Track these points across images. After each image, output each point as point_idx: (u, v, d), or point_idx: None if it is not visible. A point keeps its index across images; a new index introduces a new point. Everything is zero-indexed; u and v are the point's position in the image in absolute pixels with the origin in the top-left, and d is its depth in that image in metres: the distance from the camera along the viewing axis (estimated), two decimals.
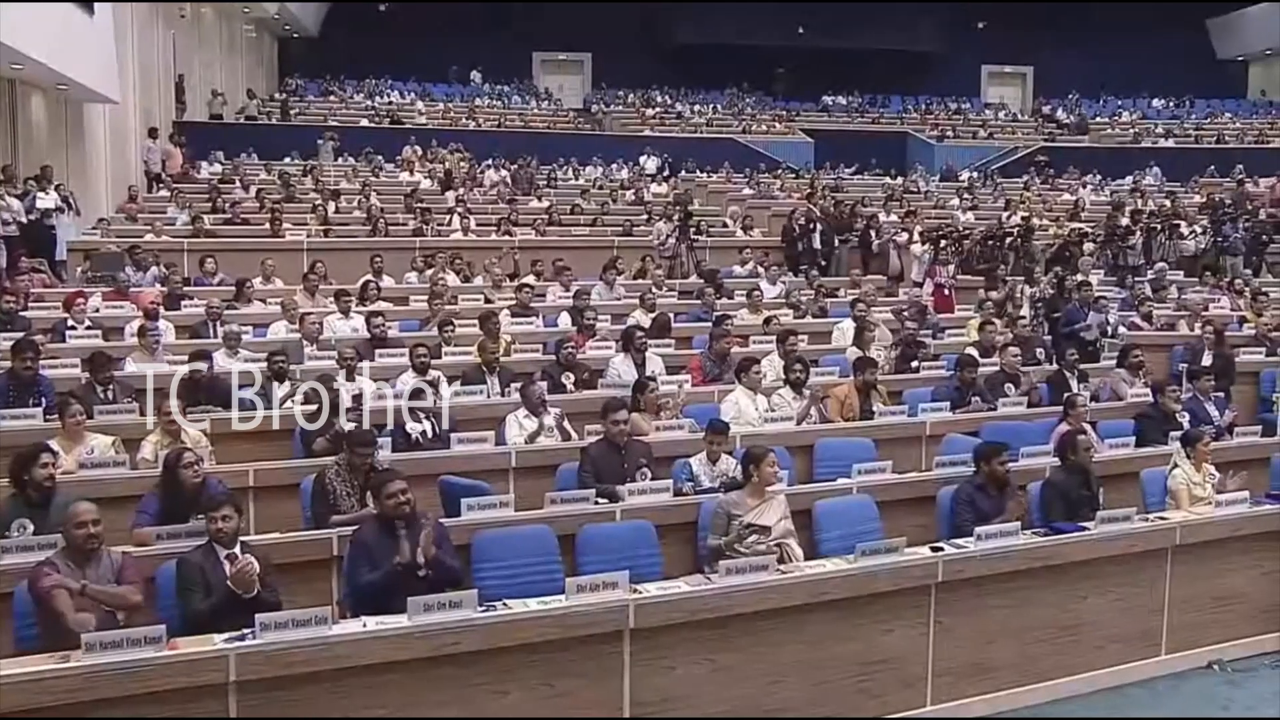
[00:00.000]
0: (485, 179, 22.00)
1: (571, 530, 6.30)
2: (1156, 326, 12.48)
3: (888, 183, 24.64)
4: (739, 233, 18.32)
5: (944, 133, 31.65)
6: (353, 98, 29.99)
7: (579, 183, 23.31)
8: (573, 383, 9.32)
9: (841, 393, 8.99)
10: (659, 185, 22.98)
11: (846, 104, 34.25)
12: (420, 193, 19.71)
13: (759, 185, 22.29)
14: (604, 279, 13.48)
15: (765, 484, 6.45)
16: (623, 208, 20.19)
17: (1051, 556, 6.31)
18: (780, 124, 31.70)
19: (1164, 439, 8.34)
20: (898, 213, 18.57)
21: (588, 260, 14.93)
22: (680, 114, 31.63)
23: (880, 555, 5.87)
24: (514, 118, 29.98)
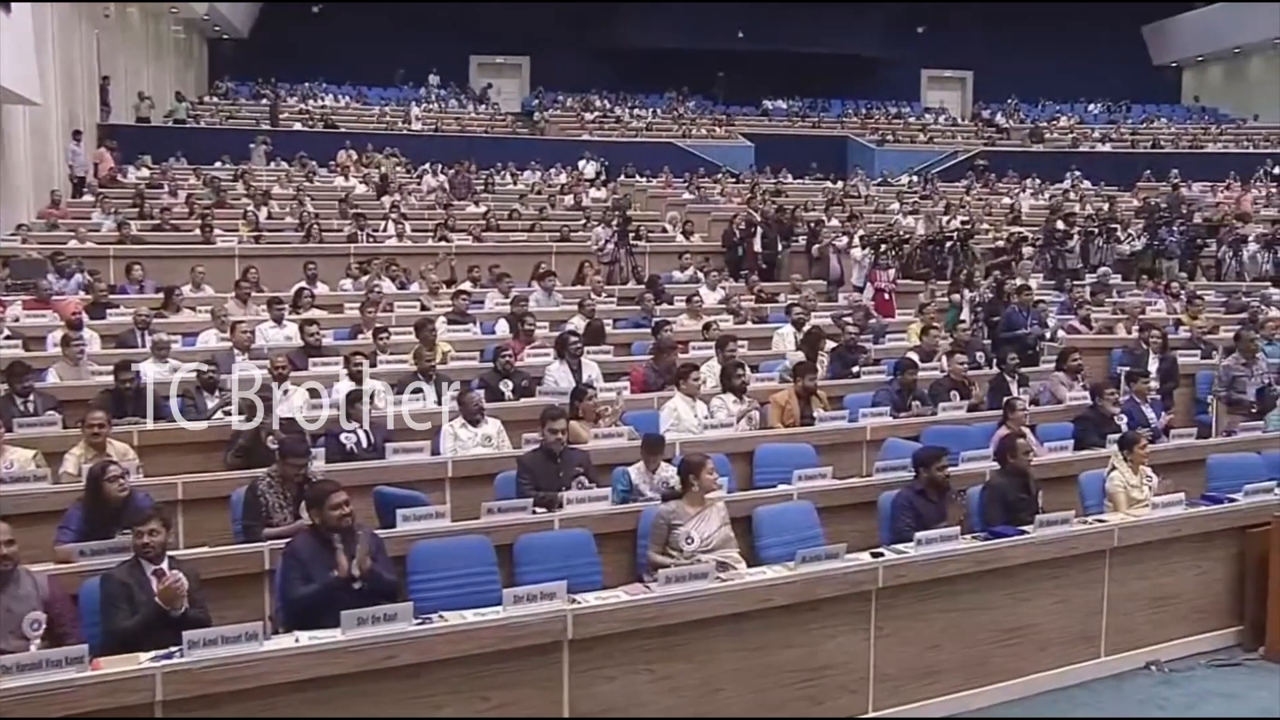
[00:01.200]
0: (422, 184, 21.87)
1: (509, 540, 6.28)
2: (1094, 330, 12.68)
3: (828, 187, 24.86)
4: (679, 238, 18.37)
5: (884, 137, 31.99)
6: (285, 100, 29.68)
7: (517, 187, 23.27)
8: (511, 390, 9.28)
9: (781, 398, 9.04)
10: (598, 190, 23.01)
11: (787, 108, 34.50)
12: (355, 198, 19.57)
13: (699, 190, 22.38)
14: (541, 285, 13.45)
15: (705, 492, 6.46)
16: (561, 212, 20.20)
17: (991, 560, 6.39)
18: (720, 128, 31.86)
19: (1102, 442, 8.48)
20: (839, 217, 18.73)
21: (526, 266, 14.91)
22: (619, 118, 31.68)
23: (821, 562, 5.90)
24: (451, 121, 29.84)
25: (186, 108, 27.13)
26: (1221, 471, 8.25)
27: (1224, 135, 32.66)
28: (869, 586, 5.97)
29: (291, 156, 23.77)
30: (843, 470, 7.93)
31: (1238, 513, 7.39)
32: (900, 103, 35.95)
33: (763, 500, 7.13)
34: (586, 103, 32.42)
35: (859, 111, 34.70)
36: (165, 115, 26.35)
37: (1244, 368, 10.53)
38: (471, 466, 7.65)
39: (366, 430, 7.85)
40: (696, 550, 6.31)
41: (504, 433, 8.18)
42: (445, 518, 6.41)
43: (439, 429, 8.06)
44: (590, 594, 5.63)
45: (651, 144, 29.20)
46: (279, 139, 25.06)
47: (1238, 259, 17.68)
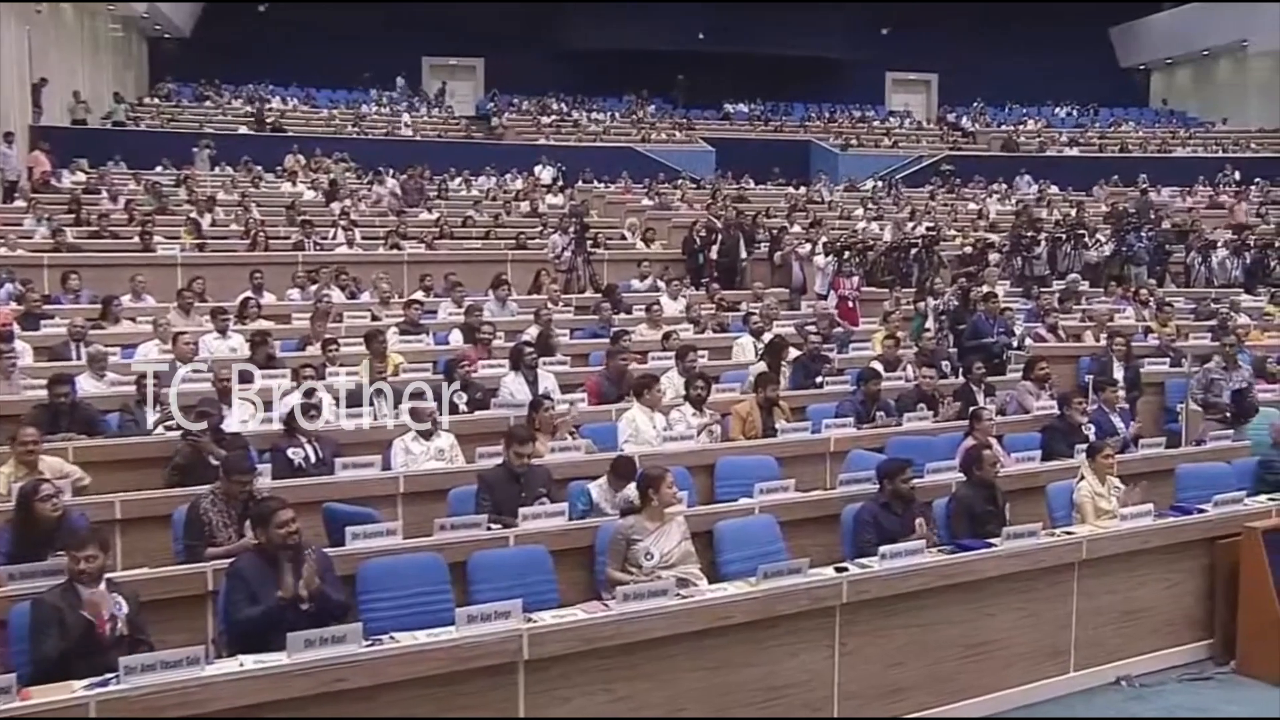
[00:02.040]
0: (372, 190, 21.78)
1: (462, 558, 6.26)
2: (1062, 337, 12.83)
3: (791, 192, 24.99)
4: (638, 245, 18.41)
5: (848, 141, 32.19)
6: (230, 103, 29.44)
7: (471, 194, 23.21)
8: (465, 403, 9.26)
9: (743, 410, 9.08)
10: (554, 196, 22.98)
11: (749, 111, 34.64)
12: (303, 204, 19.44)
13: (658, 196, 22.43)
14: (495, 295, 13.43)
15: (664, 506, 6.48)
16: (517, 220, 20.17)
17: (957, 574, 6.45)
18: (680, 132, 31.95)
19: (1070, 451, 8.58)
20: (802, 223, 18.85)
21: (480, 274, 14.88)
22: (577, 122, 31.70)
23: (783, 577, 5.93)
24: (402, 126, 29.73)
25: (125, 109, 26.84)
26: (1191, 481, 8.37)
27: (1192, 139, 33.12)
28: (832, 602, 6.00)
29: (236, 161, 23.58)
30: (805, 483, 7.97)
31: (1207, 524, 7.50)
32: (864, 106, 36.19)
33: (724, 514, 7.15)
34: (543, 106, 32.41)
35: (822, 115, 34.91)
36: (103, 117, 26.08)
37: (1224, 372, 10.67)
38: (424, 481, 7.63)
39: (315, 445, 7.80)
40: (656, 566, 6.32)
41: (458, 446, 8.15)
42: (396, 535, 6.38)
43: (390, 443, 8.03)
44: (546, 612, 5.62)
45: (610, 148, 29.22)
46: (223, 143, 24.86)
47: (1207, 265, 17.93)
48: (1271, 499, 8.05)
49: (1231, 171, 27.82)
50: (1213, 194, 25.79)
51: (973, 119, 35.14)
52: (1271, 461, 8.69)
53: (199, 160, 23.32)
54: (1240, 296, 16.08)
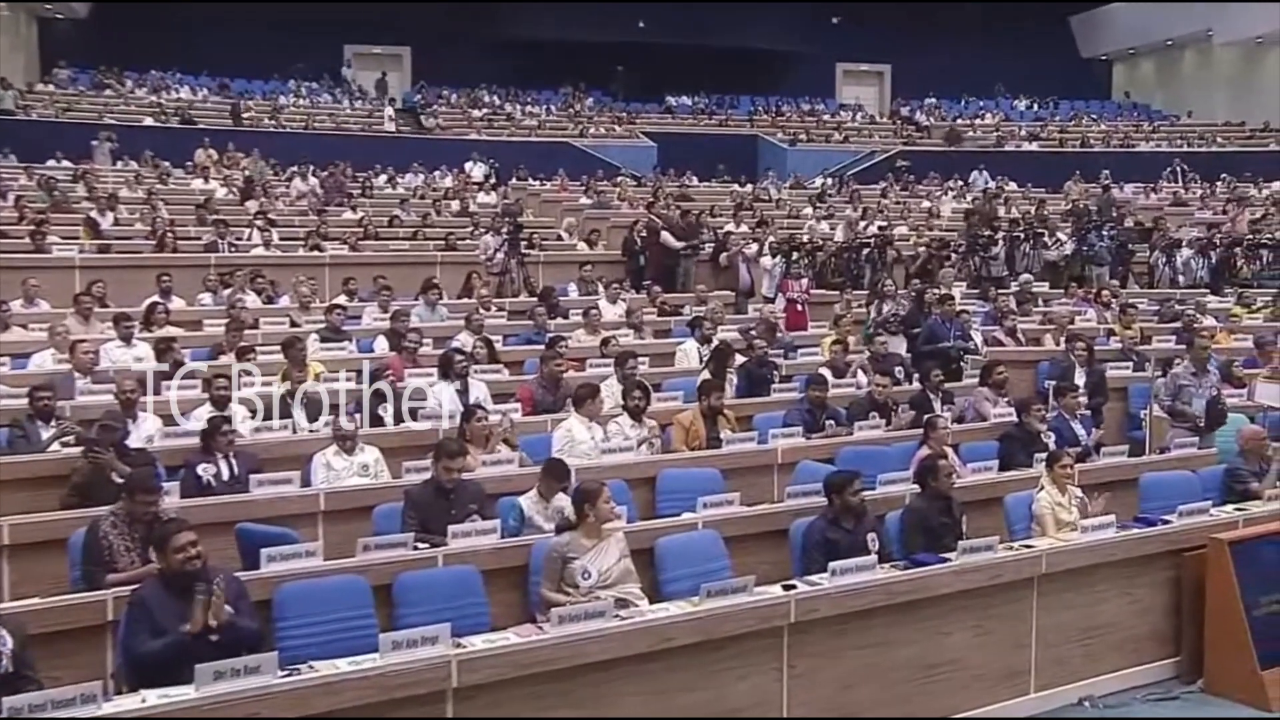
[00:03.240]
0: (291, 187, 21.58)
1: (387, 580, 6.22)
2: (1021, 341, 12.99)
3: (737, 190, 25.12)
4: (578, 246, 18.41)
5: (796, 136, 32.43)
6: (134, 92, 29.01)
7: (397, 191, 23.11)
8: (391, 414, 9.21)
9: (686, 419, 9.11)
10: (486, 194, 22.95)
11: (692, 105, 34.80)
12: (215, 202, 19.24)
13: (597, 194, 22.44)
14: (425, 299, 13.38)
15: (601, 522, 6.49)
16: (446, 219, 20.12)
17: (912, 591, 6.50)
18: (620, 127, 32.04)
19: (1029, 461, 8.70)
20: (748, 222, 18.95)
21: (408, 277, 14.83)
22: (510, 115, 31.67)
23: (728, 596, 5.95)
24: (323, 118, 29.53)
25: (14, 97, 26.37)
26: (1155, 491, 8.49)
27: (1156, 133, 33.72)
28: (780, 622, 6.03)
29: (140, 155, 23.27)
30: (752, 496, 8.01)
31: (1172, 535, 7.60)
32: (814, 99, 36.50)
33: (665, 530, 7.16)
34: (474, 99, 32.33)
35: (770, 109, 35.13)
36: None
37: (1193, 378, 10.69)
38: (346, 499, 7.58)
39: (229, 460, 7.72)
40: (594, 586, 6.33)
41: (383, 461, 8.12)
42: (316, 556, 6.33)
43: (310, 458, 7.97)
44: (477, 637, 5.61)
45: (545, 144, 29.26)
46: (126, 135, 24.51)
47: (1171, 265, 18.24)
48: (1238, 509, 8.18)
49: (1179, 164, 28.26)
50: (1179, 190, 26.26)
51: (927, 113, 35.53)
52: (1238, 470, 8.82)
53: (98, 154, 23.01)
54: (1206, 298, 16.36)
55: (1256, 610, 7.20)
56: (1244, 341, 13.44)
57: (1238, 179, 27.21)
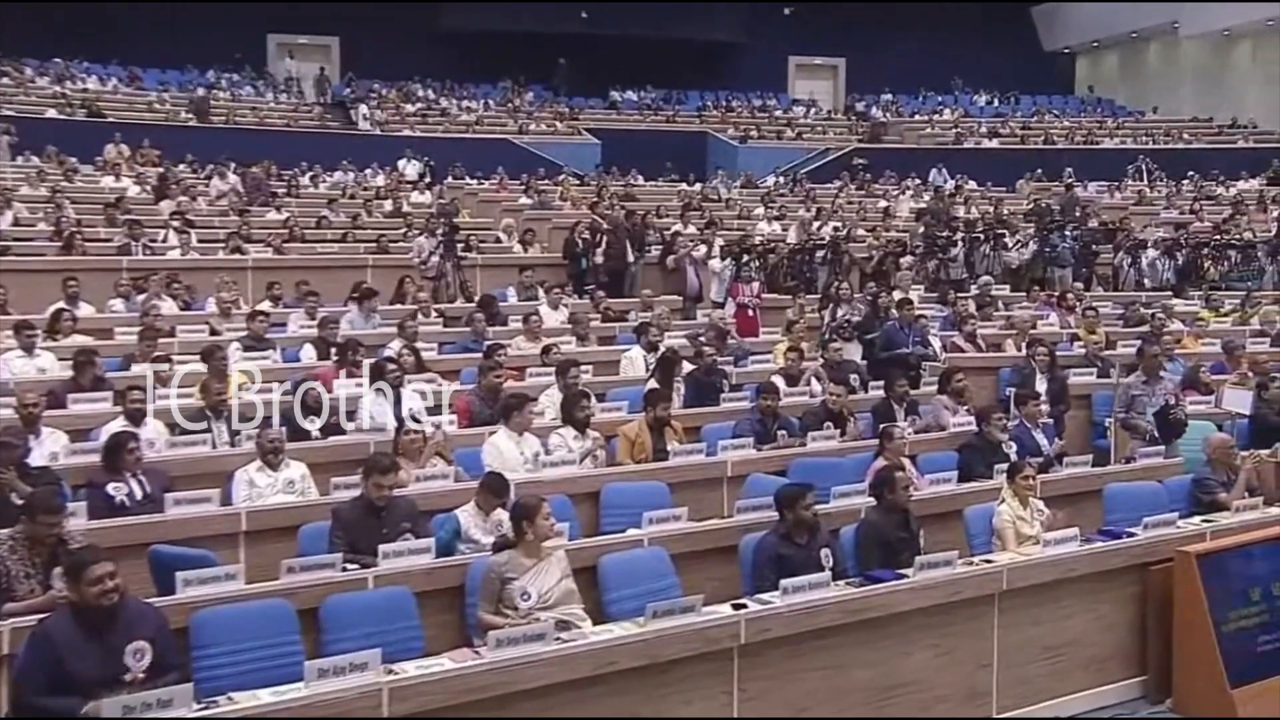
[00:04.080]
0: (210, 185, 21.39)
1: (313, 604, 6.18)
2: (981, 347, 13.10)
3: (684, 189, 25.19)
4: (516, 248, 18.38)
5: (747, 132, 32.57)
6: (34, 81, 28.49)
7: (325, 191, 22.99)
8: (319, 427, 9.15)
9: (631, 431, 9.13)
10: (420, 194, 22.88)
11: (637, 100, 34.87)
12: (128, 201, 19.05)
13: (538, 194, 22.42)
14: (361, 306, 13.28)
15: (541, 540, 6.48)
16: (378, 220, 20.04)
17: (868, 609, 6.54)
18: (562, 123, 32.04)
19: (989, 472, 8.78)
20: (696, 223, 19.00)
21: (337, 282, 14.77)
22: (445, 110, 31.58)
23: (675, 616, 5.96)
24: (245, 112, 29.27)
25: None
26: (1120, 503, 8.60)
27: (1121, 129, 34.19)
28: (729, 643, 6.05)
29: (43, 149, 22.94)
30: (700, 511, 8.05)
31: (1137, 548, 7.68)
32: (765, 94, 36.64)
33: (609, 547, 7.17)
34: (407, 92, 32.18)
35: (719, 104, 35.24)
36: None
37: (1145, 387, 10.89)
38: (270, 518, 7.53)
39: (140, 479, 7.63)
40: (534, 607, 6.33)
41: (310, 477, 8.08)
42: (237, 579, 6.25)
43: (231, 474, 7.91)
44: (410, 663, 5.60)
45: (483, 141, 29.22)
46: (26, 127, 24.09)
47: (1136, 267, 18.48)
48: (1206, 520, 8.31)
49: (1143, 162, 28.65)
50: (1144, 189, 26.62)
51: (883, 108, 35.78)
52: (1206, 480, 8.95)
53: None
54: (1173, 301, 16.56)
55: (1226, 626, 7.29)
56: (1212, 346, 13.61)
57: (1204, 177, 27.65)
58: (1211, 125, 34.14)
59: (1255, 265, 19.03)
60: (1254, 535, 7.85)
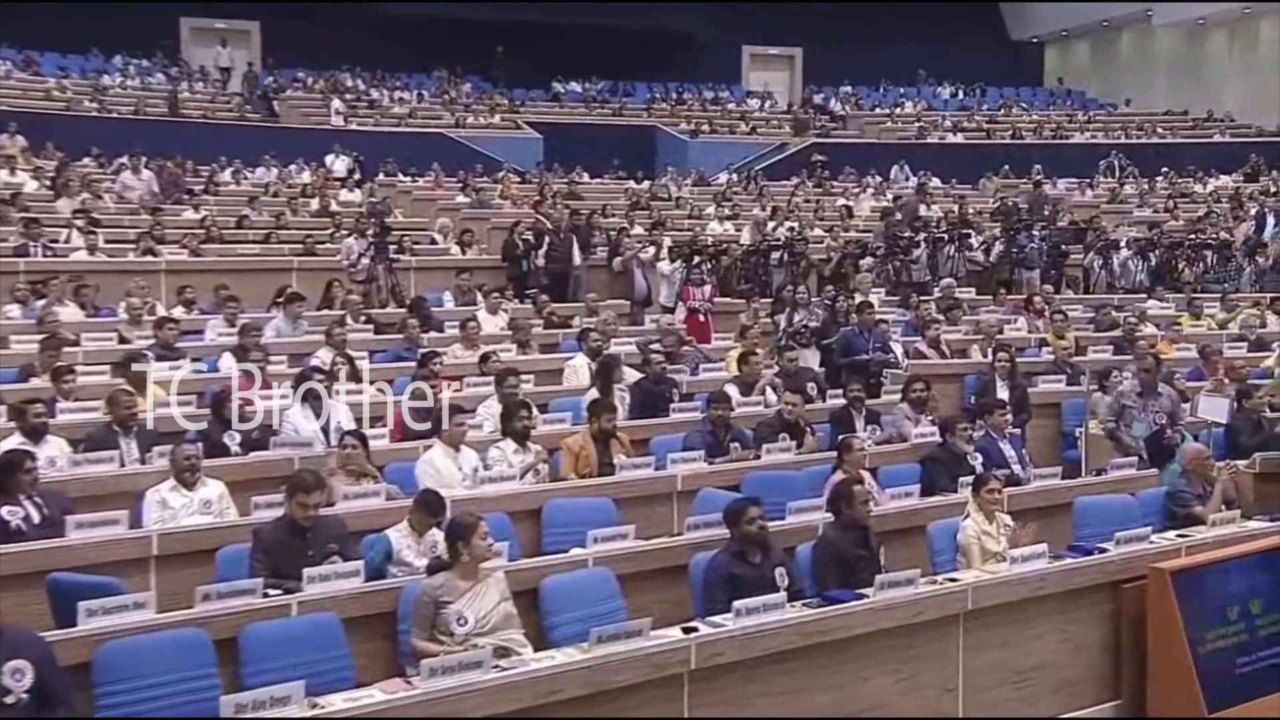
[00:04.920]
0: (119, 181, 21.17)
1: (231, 633, 6.12)
2: (945, 353, 13.20)
3: (632, 187, 25.23)
4: (452, 250, 18.33)
5: (698, 127, 32.65)
6: None
7: (245, 188, 22.84)
8: (238, 443, 9.09)
9: (574, 444, 9.13)
10: (350, 191, 22.75)
11: (582, 92, 34.86)
12: (25, 198, 18.80)
13: (476, 191, 22.38)
14: (287, 311, 13.19)
15: (478, 561, 6.47)
16: (304, 220, 19.94)
17: (825, 631, 6.56)
18: (501, 116, 31.97)
19: (954, 485, 8.86)
20: (644, 223, 19.03)
21: (259, 286, 14.70)
22: (376, 102, 31.40)
23: (621, 641, 5.96)
24: (157, 102, 28.98)
25: None
26: (1091, 517, 8.69)
27: (1092, 123, 34.59)
28: (679, 669, 6.05)
29: None
30: (648, 528, 8.06)
31: (1109, 565, 7.73)
32: (718, 86, 36.78)
33: (551, 568, 7.16)
34: (335, 82, 31.97)
35: (669, 96, 35.33)
36: None
37: (1139, 399, 10.81)
38: (184, 541, 7.46)
39: (37, 501, 7.53)
40: (470, 633, 6.31)
41: (228, 496, 8.02)
42: (147, 608, 6.18)
43: (142, 494, 7.84)
44: (338, 695, 5.58)
45: (417, 135, 29.12)
46: None
47: (1108, 268, 18.67)
48: (1181, 535, 8.38)
49: (1115, 157, 28.96)
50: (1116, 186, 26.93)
51: (843, 101, 35.98)
52: (1180, 492, 9.06)
53: None
54: (1148, 303, 16.73)
55: (1202, 646, 7.36)
56: (1187, 351, 13.79)
57: (1179, 173, 28.00)
58: (1187, 118, 34.62)
59: (1232, 265, 19.32)
60: (1231, 550, 7.94)
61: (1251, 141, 31.44)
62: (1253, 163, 28.53)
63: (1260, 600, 7.72)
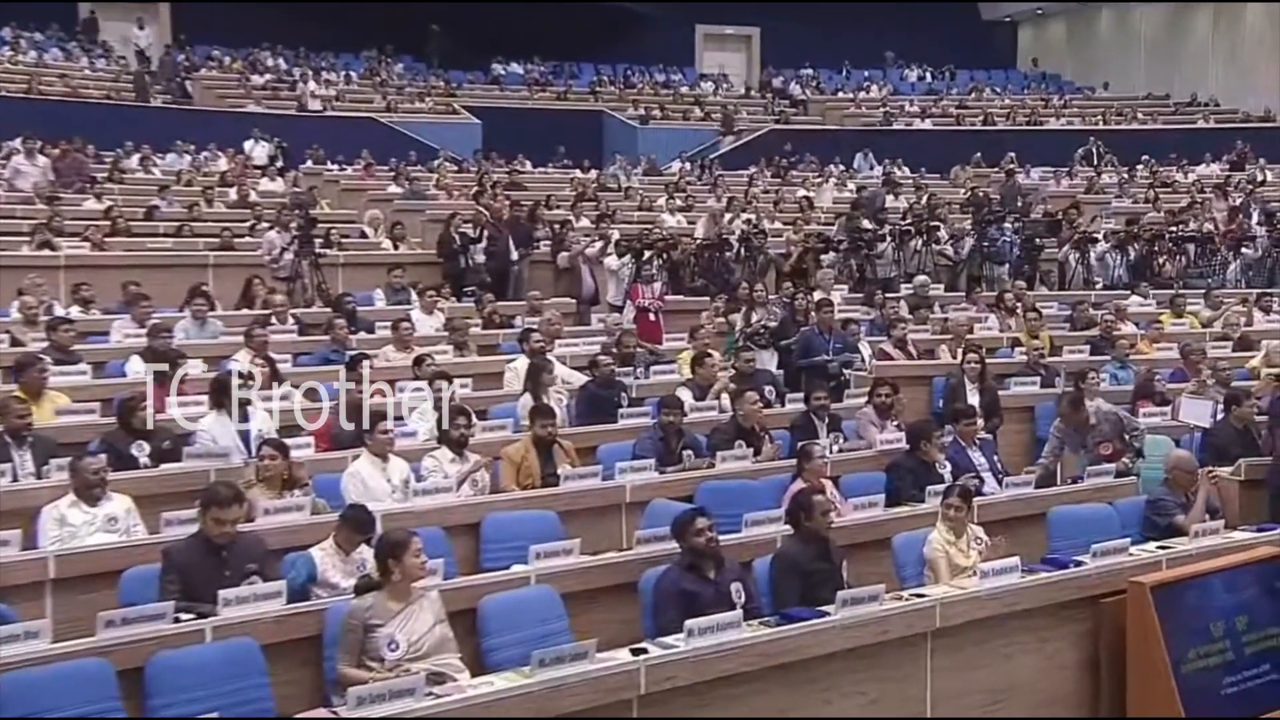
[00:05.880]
0: (8, 167, 20.94)
1: (138, 663, 6.05)
2: (912, 354, 13.27)
3: (578, 177, 25.24)
4: (384, 244, 18.28)
5: (649, 112, 32.68)
6: None
7: (155, 176, 22.69)
8: (147, 454, 9.03)
9: (516, 453, 9.12)
10: (271, 180, 22.67)
11: (523, 74, 34.80)
12: None
13: (409, 181, 22.34)
14: (191, 311, 13.11)
15: (410, 580, 6.45)
16: (220, 211, 19.85)
17: (784, 652, 6.57)
18: (436, 100, 31.88)
19: (921, 495, 8.92)
20: (591, 216, 19.04)
21: (171, 283, 14.64)
22: (300, 84, 31.21)
23: (565, 664, 5.95)
24: (53, 80, 28.65)
25: None
26: (1066, 528, 8.78)
27: (1068, 108, 34.88)
28: (628, 694, 6.06)
29: None
30: (595, 543, 8.05)
31: (1086, 579, 7.78)
32: (669, 68, 36.84)
33: (490, 586, 7.16)
34: (254, 61, 31.78)
35: (617, 79, 35.38)
36: None
37: (1075, 434, 10.53)
38: (85, 562, 7.39)
39: None
40: (402, 658, 6.31)
41: (136, 512, 7.94)
42: (41, 637, 6.12)
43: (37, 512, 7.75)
44: None
45: (344, 120, 29.01)
46: None
47: (1084, 263, 18.81)
48: (1161, 547, 8.43)
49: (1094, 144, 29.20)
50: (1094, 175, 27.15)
51: (803, 85, 36.11)
52: (1161, 501, 9.11)
53: None
54: (1130, 299, 16.87)
55: (1185, 665, 7.39)
56: (1169, 351, 13.91)
57: (1160, 161, 28.27)
58: (1168, 103, 34.96)
59: (1217, 259, 19.50)
60: (1216, 563, 7.99)
61: (1237, 127, 31.77)
62: (1240, 150, 28.78)
63: (1246, 616, 7.76)
